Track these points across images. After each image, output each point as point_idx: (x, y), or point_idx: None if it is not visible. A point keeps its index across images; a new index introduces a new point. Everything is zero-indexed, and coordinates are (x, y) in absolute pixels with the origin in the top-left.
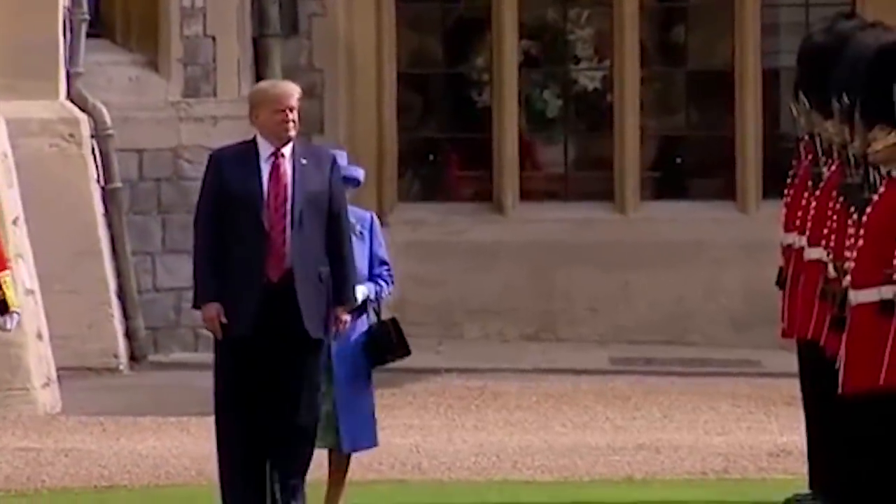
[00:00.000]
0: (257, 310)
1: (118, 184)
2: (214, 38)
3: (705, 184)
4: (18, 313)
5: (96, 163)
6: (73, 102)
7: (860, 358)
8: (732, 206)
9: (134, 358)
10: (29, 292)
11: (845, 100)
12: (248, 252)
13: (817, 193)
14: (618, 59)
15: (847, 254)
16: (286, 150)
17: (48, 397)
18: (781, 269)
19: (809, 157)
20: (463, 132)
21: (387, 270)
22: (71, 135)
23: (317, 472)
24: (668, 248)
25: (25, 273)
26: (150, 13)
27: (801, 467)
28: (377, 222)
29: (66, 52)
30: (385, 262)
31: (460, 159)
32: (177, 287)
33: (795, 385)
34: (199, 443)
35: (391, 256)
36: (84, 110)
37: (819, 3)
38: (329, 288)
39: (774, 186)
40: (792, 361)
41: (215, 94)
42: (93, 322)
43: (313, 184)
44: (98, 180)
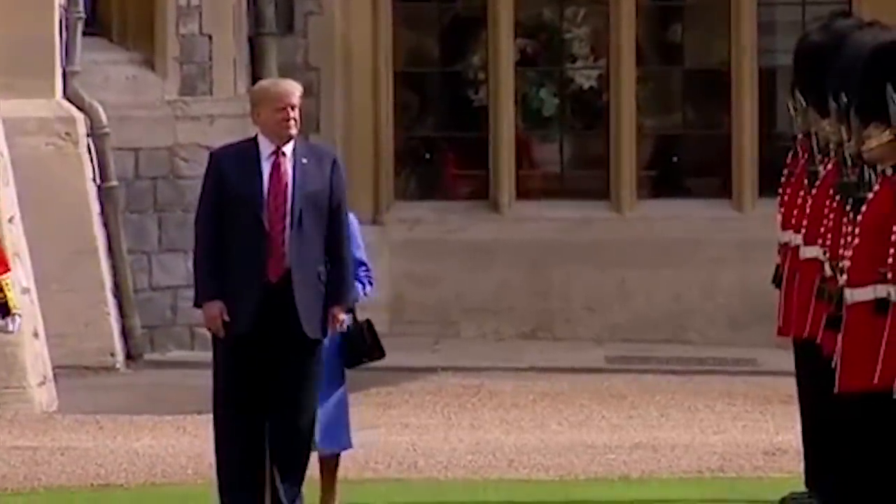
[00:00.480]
0: (256, 309)
1: (114, 182)
2: (211, 37)
3: (702, 182)
4: (20, 315)
5: (93, 161)
6: (70, 101)
7: (856, 357)
8: (729, 205)
9: (130, 356)
10: (25, 291)
11: (842, 99)
12: (248, 251)
13: (813, 192)
14: (614, 58)
15: (843, 252)
16: (287, 149)
17: (44, 396)
18: (778, 268)
19: (806, 156)
20: (459, 131)
21: (364, 272)
22: (67, 133)
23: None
24: (665, 247)
25: (22, 272)
26: (147, 12)
27: (797, 466)
28: (356, 223)
29: (63, 51)
30: (363, 263)
31: (457, 158)
32: (173, 286)
33: (792, 384)
34: (196, 441)
35: (387, 255)
36: (80, 109)
37: (815, 2)
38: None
39: (771, 185)
40: (788, 360)
41: (212, 93)
42: (89, 320)
43: (313, 183)
44: (94, 179)
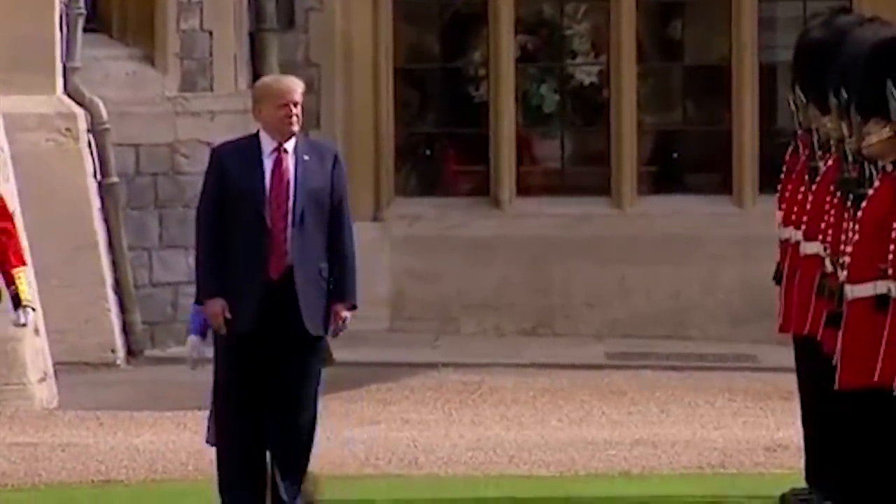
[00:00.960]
0: (258, 307)
1: (115, 178)
2: (211, 33)
3: (702, 179)
4: (33, 309)
5: (93, 157)
6: (70, 97)
7: (856, 353)
8: (729, 201)
9: (131, 352)
10: None
11: (843, 95)
12: (250, 248)
13: (814, 188)
14: (614, 54)
15: (843, 249)
16: (288, 146)
17: (45, 392)
18: (778, 265)
19: (807, 152)
20: (460, 127)
21: None
22: (68, 129)
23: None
24: (665, 243)
25: None
26: (147, 8)
27: (798, 462)
28: None
29: (63, 47)
30: None
31: (457, 154)
32: (174, 282)
33: (792, 380)
34: (197, 438)
35: (387, 251)
36: (81, 105)
37: None
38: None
39: (771, 182)
40: (788, 356)
41: (212, 89)
42: (90, 317)
43: (315, 180)
44: (95, 175)
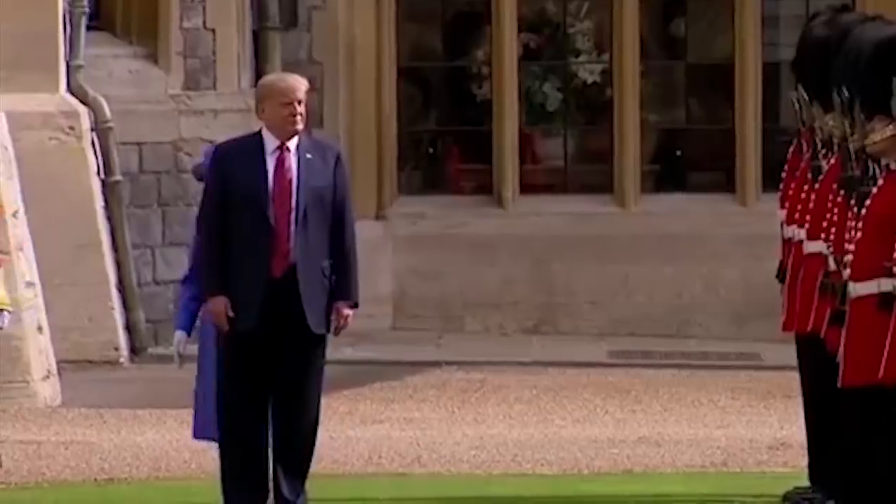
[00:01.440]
0: (261, 305)
1: (118, 177)
2: (214, 31)
3: (705, 177)
4: (10, 311)
5: (96, 156)
6: (74, 95)
7: (860, 351)
8: (732, 200)
9: (134, 351)
10: (29, 285)
11: (845, 93)
12: (253, 247)
13: (817, 187)
14: (617, 52)
15: (847, 247)
16: (291, 144)
17: (48, 390)
18: (781, 262)
19: (809, 151)
20: (463, 125)
21: None
22: (71, 128)
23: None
24: (668, 242)
25: (26, 266)
26: (150, 6)
27: (801, 460)
28: None
29: (67, 45)
30: None
31: (460, 152)
32: (177, 280)
33: (795, 378)
34: None
35: (390, 249)
36: (84, 103)
37: None
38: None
39: (774, 180)
40: (792, 355)
41: (215, 87)
42: (93, 315)
43: (318, 179)
44: (98, 173)
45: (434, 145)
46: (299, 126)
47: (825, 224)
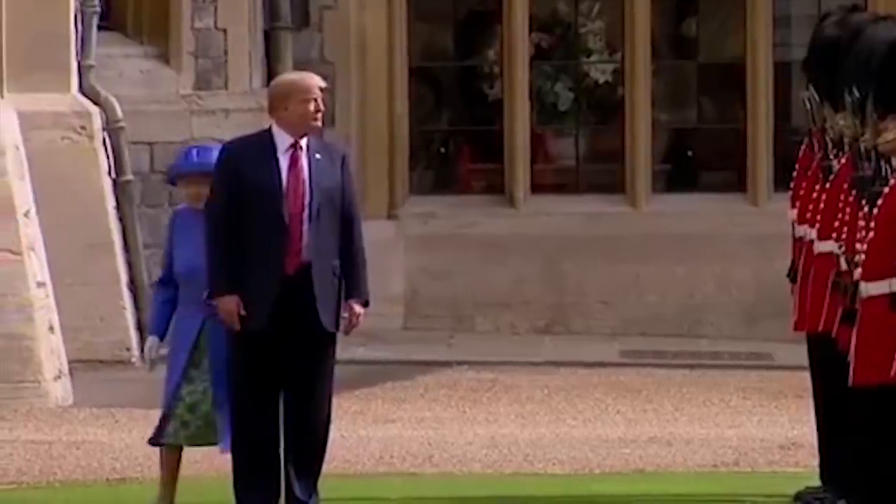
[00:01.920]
0: (274, 303)
1: (129, 176)
2: (226, 31)
3: (717, 177)
4: None
5: (108, 155)
6: (85, 95)
7: (871, 350)
8: (744, 199)
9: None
10: (41, 285)
11: (856, 93)
12: (266, 245)
13: (828, 187)
14: (629, 52)
15: (858, 246)
16: (303, 143)
17: (60, 390)
18: (793, 262)
19: (821, 151)
20: (474, 125)
21: None
22: (83, 127)
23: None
24: (680, 241)
25: (37, 265)
26: (162, 6)
27: (812, 460)
28: None
29: (78, 45)
30: None
31: (472, 152)
32: None
33: (806, 378)
34: None
35: (402, 249)
36: (96, 103)
37: None
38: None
39: (786, 180)
40: (803, 354)
41: (227, 87)
42: (104, 314)
43: (328, 179)
44: (109, 173)
45: (445, 145)
46: (320, 122)
47: (836, 224)
